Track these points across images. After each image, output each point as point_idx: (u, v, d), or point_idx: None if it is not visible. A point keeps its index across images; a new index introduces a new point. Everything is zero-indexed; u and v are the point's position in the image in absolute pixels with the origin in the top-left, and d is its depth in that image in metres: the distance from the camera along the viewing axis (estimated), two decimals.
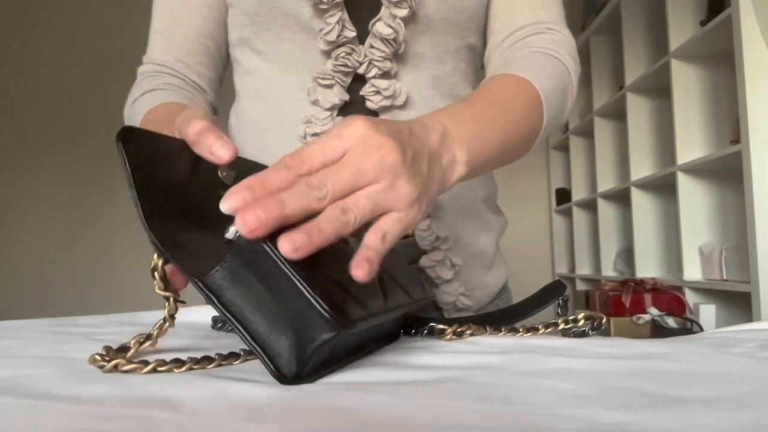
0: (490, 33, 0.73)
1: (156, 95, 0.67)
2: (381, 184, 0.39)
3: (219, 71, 0.76)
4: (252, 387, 0.35)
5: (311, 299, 0.35)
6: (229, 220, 0.37)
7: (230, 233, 0.37)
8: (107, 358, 0.38)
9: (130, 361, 0.38)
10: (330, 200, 0.37)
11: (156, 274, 0.39)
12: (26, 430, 0.27)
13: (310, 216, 0.36)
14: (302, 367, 0.36)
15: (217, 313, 0.60)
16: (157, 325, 0.41)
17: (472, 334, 0.51)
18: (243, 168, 0.49)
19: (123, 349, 0.40)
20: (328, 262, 0.38)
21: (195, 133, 0.42)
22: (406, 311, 0.49)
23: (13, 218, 3.74)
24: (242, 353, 0.42)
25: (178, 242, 0.39)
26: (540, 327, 0.54)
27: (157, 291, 0.39)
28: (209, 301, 0.37)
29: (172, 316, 0.40)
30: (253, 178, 0.36)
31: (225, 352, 0.42)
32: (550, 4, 0.71)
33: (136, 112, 0.67)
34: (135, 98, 0.69)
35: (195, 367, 0.39)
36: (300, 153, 0.38)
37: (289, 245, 0.34)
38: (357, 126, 0.39)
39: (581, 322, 0.53)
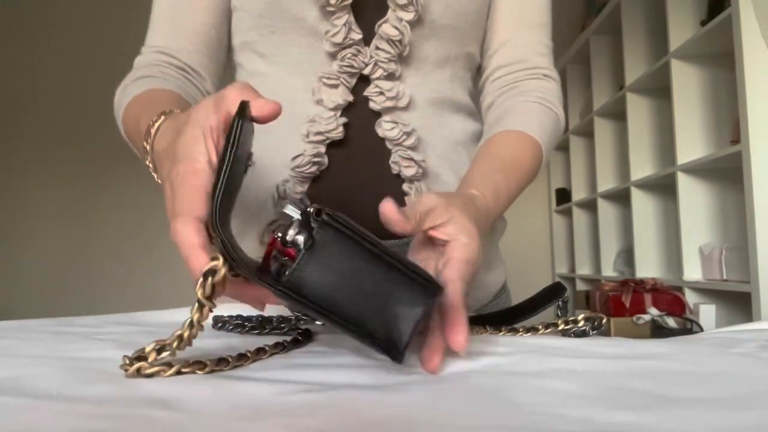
0: (488, 59, 0.76)
1: (150, 81, 0.66)
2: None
3: (220, 64, 0.75)
4: (252, 386, 0.35)
5: (407, 271, 0.36)
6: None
7: (290, 235, 0.37)
8: (135, 361, 0.36)
9: (152, 365, 0.36)
10: None
11: (211, 278, 0.36)
12: (26, 430, 0.27)
13: None
14: (408, 342, 0.37)
15: (215, 314, 0.60)
16: (186, 325, 0.37)
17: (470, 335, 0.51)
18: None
19: (160, 350, 0.37)
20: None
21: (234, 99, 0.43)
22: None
23: (19, 221, 3.74)
24: (250, 355, 0.41)
25: (238, 247, 0.37)
26: (540, 327, 0.54)
27: (199, 296, 0.36)
28: (298, 304, 0.36)
29: (200, 323, 0.38)
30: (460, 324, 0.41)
31: (231, 350, 0.41)
32: (546, 50, 0.76)
33: (125, 96, 0.65)
34: (126, 84, 0.68)
35: (215, 368, 0.38)
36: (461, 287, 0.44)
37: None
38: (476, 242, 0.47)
39: (581, 323, 0.53)
